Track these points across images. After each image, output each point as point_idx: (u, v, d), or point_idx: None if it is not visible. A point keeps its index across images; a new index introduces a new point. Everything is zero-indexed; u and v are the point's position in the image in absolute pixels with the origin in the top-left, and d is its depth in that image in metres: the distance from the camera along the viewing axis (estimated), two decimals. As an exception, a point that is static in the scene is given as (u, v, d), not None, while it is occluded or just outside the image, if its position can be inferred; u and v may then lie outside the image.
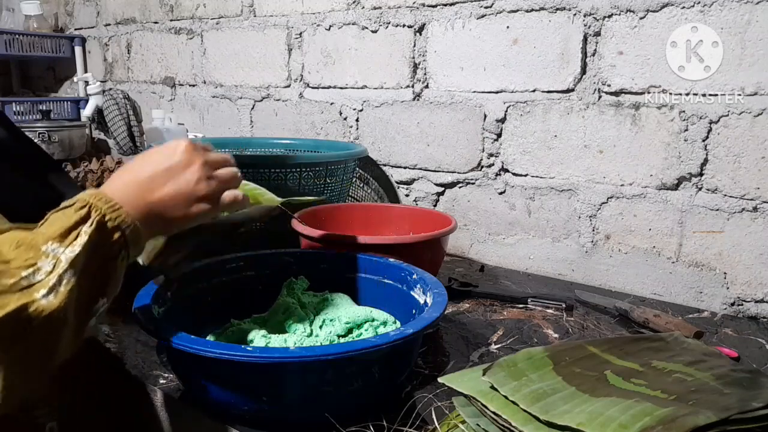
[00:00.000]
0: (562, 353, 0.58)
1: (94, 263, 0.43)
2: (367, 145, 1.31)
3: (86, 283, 0.42)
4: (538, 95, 1.08)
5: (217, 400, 0.58)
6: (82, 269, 0.41)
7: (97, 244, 0.43)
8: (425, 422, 0.58)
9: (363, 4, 1.29)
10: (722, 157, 0.92)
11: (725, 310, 0.95)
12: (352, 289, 0.79)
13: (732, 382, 0.53)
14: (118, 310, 0.86)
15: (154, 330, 0.57)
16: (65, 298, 0.40)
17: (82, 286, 0.42)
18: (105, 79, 1.99)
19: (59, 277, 0.40)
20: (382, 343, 0.54)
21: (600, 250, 1.07)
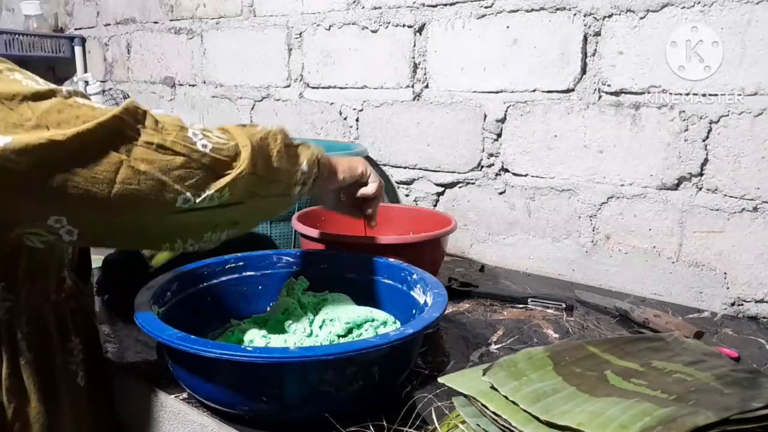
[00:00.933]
0: (562, 353, 0.58)
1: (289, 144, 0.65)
2: (367, 145, 1.31)
3: (290, 149, 0.64)
4: (538, 95, 1.08)
5: (217, 400, 0.58)
6: (285, 136, 0.64)
7: (287, 135, 0.65)
8: (425, 422, 0.58)
9: (363, 4, 1.29)
10: (722, 157, 0.92)
11: (725, 310, 0.95)
12: (352, 289, 0.79)
13: (732, 382, 0.53)
14: (118, 310, 0.86)
15: (154, 330, 0.57)
16: (278, 130, 0.64)
17: (287, 145, 0.64)
18: (105, 79, 1.99)
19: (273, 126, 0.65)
20: (382, 343, 0.54)
21: (600, 250, 1.07)
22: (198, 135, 0.55)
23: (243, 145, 0.57)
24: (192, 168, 0.53)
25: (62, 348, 0.61)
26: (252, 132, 0.60)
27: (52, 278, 0.61)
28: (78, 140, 0.47)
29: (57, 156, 0.46)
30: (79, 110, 0.49)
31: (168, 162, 0.52)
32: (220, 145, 0.56)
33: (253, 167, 0.57)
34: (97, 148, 0.48)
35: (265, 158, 0.60)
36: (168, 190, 0.52)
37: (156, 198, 0.51)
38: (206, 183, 0.54)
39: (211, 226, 0.58)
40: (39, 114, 0.47)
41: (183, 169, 0.52)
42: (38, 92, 0.48)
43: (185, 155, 0.53)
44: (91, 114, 0.49)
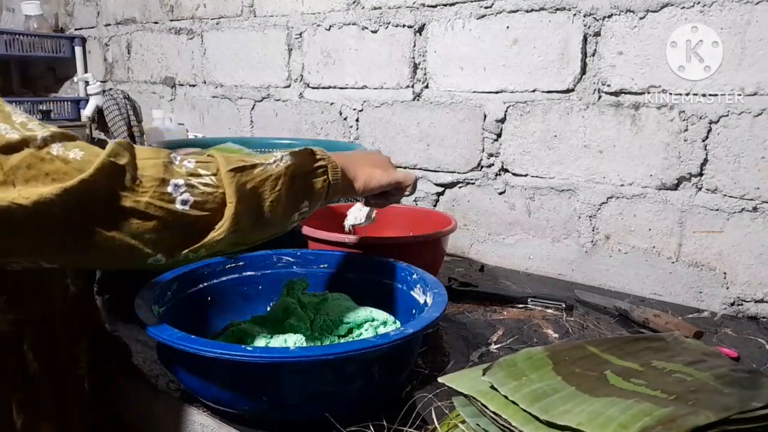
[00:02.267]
0: (561, 353, 0.58)
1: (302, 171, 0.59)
2: (367, 145, 1.31)
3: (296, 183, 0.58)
4: (538, 95, 1.08)
5: (217, 400, 0.59)
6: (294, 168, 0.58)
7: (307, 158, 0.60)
8: (425, 422, 0.58)
9: (363, 4, 1.29)
10: (722, 157, 0.92)
11: (725, 310, 0.95)
12: (352, 289, 0.79)
13: (732, 382, 0.53)
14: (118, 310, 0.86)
15: (154, 329, 0.57)
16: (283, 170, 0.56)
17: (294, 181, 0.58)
18: (105, 79, 1.99)
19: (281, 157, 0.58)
20: (382, 343, 0.54)
21: (600, 250, 1.07)
22: (181, 187, 0.50)
23: (229, 201, 0.52)
24: (165, 230, 0.49)
25: (70, 354, 0.61)
26: (245, 180, 0.53)
27: (56, 288, 0.61)
28: (43, 206, 0.44)
29: (21, 219, 0.44)
30: (50, 165, 0.45)
31: (138, 226, 0.48)
32: (204, 197, 0.51)
33: (235, 226, 0.52)
34: (61, 216, 0.45)
35: (254, 212, 0.54)
36: (138, 253, 0.49)
37: (126, 257, 0.49)
38: (180, 244, 0.51)
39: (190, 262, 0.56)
40: (7, 169, 0.44)
41: (155, 233, 0.49)
42: (8, 143, 0.44)
43: (160, 218, 0.49)
44: (63, 170, 0.45)
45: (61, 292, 0.61)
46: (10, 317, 0.55)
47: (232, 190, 0.52)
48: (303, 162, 0.59)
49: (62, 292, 0.61)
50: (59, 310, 0.60)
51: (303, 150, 0.60)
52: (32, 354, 0.57)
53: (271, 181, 0.55)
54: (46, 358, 0.58)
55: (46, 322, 0.59)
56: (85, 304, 0.65)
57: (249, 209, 0.54)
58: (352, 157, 0.69)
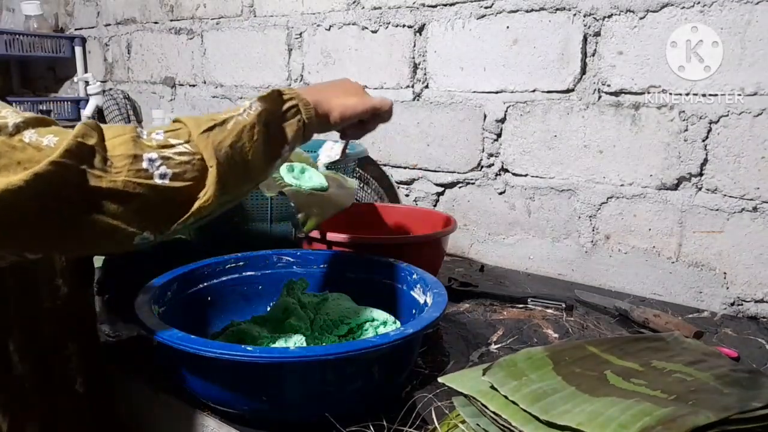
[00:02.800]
0: (561, 353, 0.58)
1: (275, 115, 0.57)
2: (367, 145, 1.31)
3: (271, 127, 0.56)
4: (538, 95, 1.08)
5: (217, 400, 0.59)
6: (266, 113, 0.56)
7: (276, 100, 0.57)
8: (425, 422, 0.58)
9: (363, 4, 1.29)
10: (722, 157, 0.92)
11: (725, 310, 0.95)
12: (352, 289, 0.79)
13: (732, 382, 0.53)
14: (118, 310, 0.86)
15: (154, 329, 0.57)
16: (255, 118, 0.54)
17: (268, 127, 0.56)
18: (105, 79, 1.99)
19: (250, 105, 0.55)
20: (382, 343, 0.54)
21: (600, 250, 1.07)
22: (156, 161, 0.48)
23: (209, 164, 0.50)
24: (150, 208, 0.48)
25: (59, 357, 0.60)
26: (220, 138, 0.51)
27: (44, 288, 0.59)
28: (11, 193, 0.42)
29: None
30: (22, 153, 0.44)
31: (119, 207, 0.46)
32: (182, 167, 0.49)
33: (221, 189, 0.50)
34: (34, 203, 0.43)
35: (238, 169, 0.52)
36: (122, 233, 0.47)
37: (110, 239, 0.47)
38: (167, 219, 0.49)
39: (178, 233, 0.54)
40: None
41: (139, 212, 0.47)
42: None
43: (140, 195, 0.47)
44: (36, 158, 0.43)
45: (51, 292, 0.60)
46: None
47: (210, 152, 0.50)
48: (273, 106, 0.57)
49: (52, 292, 0.60)
50: (47, 309, 0.59)
51: (271, 93, 0.57)
52: (18, 355, 0.56)
53: (247, 132, 0.53)
54: (33, 358, 0.57)
55: (33, 323, 0.57)
56: (79, 305, 0.64)
57: (231, 167, 0.52)
58: (323, 89, 0.66)
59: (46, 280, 0.60)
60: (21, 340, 0.56)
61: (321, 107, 0.62)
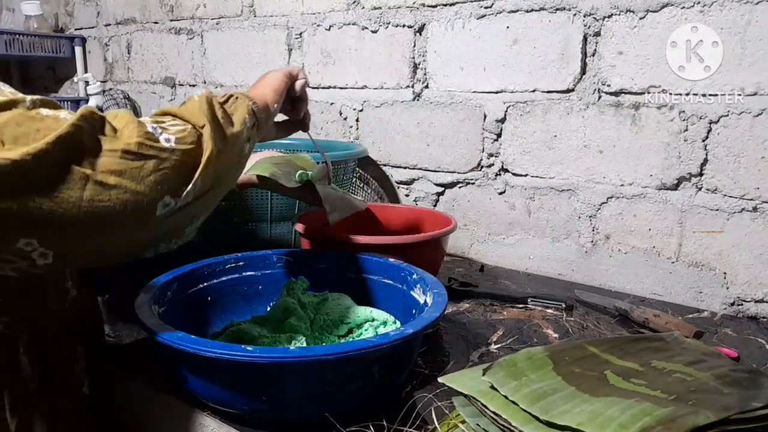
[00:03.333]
0: (561, 353, 0.58)
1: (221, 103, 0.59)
2: (367, 145, 1.31)
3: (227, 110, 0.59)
4: (538, 95, 1.09)
5: (217, 400, 0.59)
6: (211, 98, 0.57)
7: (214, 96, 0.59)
8: (425, 422, 0.58)
9: (363, 4, 1.29)
10: (722, 157, 0.92)
11: (725, 310, 0.95)
12: (352, 289, 0.79)
13: (732, 382, 0.53)
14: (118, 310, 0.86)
15: (154, 329, 0.57)
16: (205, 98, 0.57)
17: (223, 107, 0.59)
18: (105, 79, 1.99)
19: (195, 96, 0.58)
20: (382, 343, 0.54)
21: (600, 250, 1.07)
22: (157, 129, 0.51)
23: (200, 125, 0.53)
24: (166, 169, 0.49)
25: (67, 359, 0.61)
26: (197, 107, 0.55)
27: (51, 290, 0.59)
28: (34, 158, 0.42)
29: (11, 176, 0.41)
30: (41, 123, 0.44)
31: (139, 168, 0.47)
32: (180, 133, 0.52)
33: (216, 147, 0.53)
34: (57, 166, 0.43)
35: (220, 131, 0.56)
36: (145, 200, 0.48)
37: (133, 211, 0.47)
38: (183, 181, 0.51)
39: (188, 220, 0.55)
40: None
41: (157, 173, 0.48)
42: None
43: (155, 157, 0.48)
44: (55, 126, 0.44)
45: (59, 295, 0.60)
46: (5, 320, 0.54)
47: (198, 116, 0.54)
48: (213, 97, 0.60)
49: (60, 296, 0.60)
50: (54, 312, 0.59)
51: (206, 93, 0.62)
52: (27, 357, 0.56)
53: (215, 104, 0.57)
54: (41, 361, 0.57)
55: (40, 325, 0.58)
56: (86, 309, 0.65)
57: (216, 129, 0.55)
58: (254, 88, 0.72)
59: (54, 283, 0.60)
60: (30, 343, 0.56)
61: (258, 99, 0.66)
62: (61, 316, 0.60)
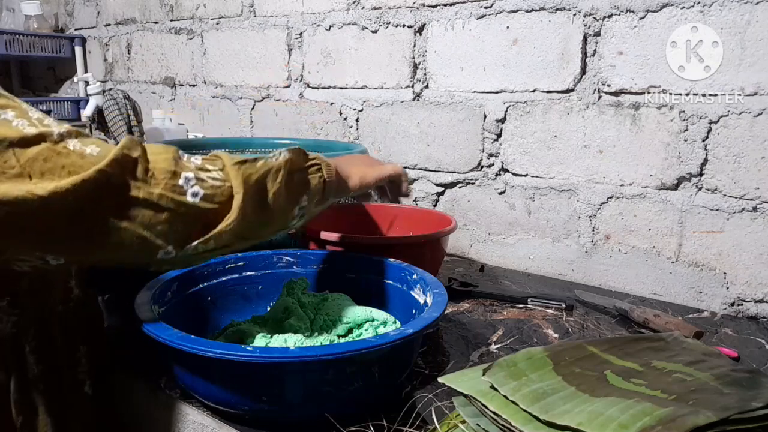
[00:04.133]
0: (562, 353, 0.58)
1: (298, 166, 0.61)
2: (367, 145, 1.31)
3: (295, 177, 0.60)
4: (538, 95, 1.09)
5: (217, 400, 0.59)
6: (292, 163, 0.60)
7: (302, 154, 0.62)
8: (425, 422, 0.58)
9: (363, 4, 1.29)
10: (722, 157, 0.92)
11: (725, 310, 0.95)
12: (352, 289, 0.79)
13: (732, 382, 0.53)
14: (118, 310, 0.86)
15: (154, 330, 0.57)
16: (282, 163, 0.59)
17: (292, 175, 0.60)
18: (105, 79, 1.99)
19: (279, 153, 0.60)
20: (382, 343, 0.54)
21: (600, 250, 1.07)
22: (191, 180, 0.52)
23: (236, 192, 0.54)
24: (177, 222, 0.51)
25: (70, 359, 0.61)
26: (250, 172, 0.56)
27: (58, 290, 0.60)
28: (58, 196, 0.45)
29: (35, 208, 0.44)
30: (66, 159, 0.46)
31: (151, 218, 0.49)
32: (213, 190, 0.53)
33: (242, 216, 0.54)
34: (76, 205, 0.46)
35: (258, 202, 0.56)
36: (148, 245, 0.50)
37: (138, 249, 0.50)
38: (191, 236, 0.52)
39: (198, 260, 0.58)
40: (23, 162, 0.45)
41: (167, 224, 0.50)
42: (25, 137, 0.45)
43: (171, 210, 0.50)
44: (80, 164, 0.46)
45: (63, 294, 0.61)
46: (14, 319, 0.55)
47: (239, 181, 0.54)
48: (298, 158, 0.62)
49: (64, 295, 0.61)
50: (58, 312, 0.60)
51: (297, 148, 0.63)
52: (34, 357, 0.57)
53: (273, 173, 0.58)
54: (46, 360, 0.58)
55: (46, 324, 0.58)
56: (88, 309, 0.65)
57: (254, 199, 0.55)
58: (343, 158, 0.73)
59: (60, 282, 0.60)
60: (36, 342, 0.57)
61: (341, 171, 0.68)
62: (65, 316, 0.61)
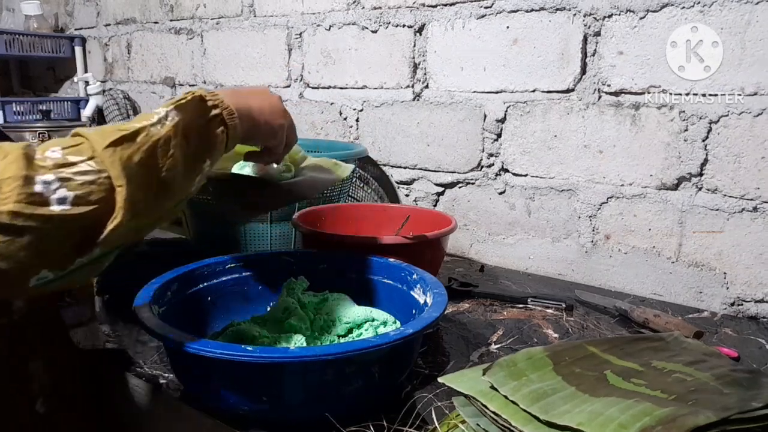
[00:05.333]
0: (562, 353, 0.58)
1: (196, 125, 0.50)
2: (367, 145, 1.31)
3: (192, 140, 0.50)
4: (538, 95, 1.08)
5: (217, 399, 0.58)
6: (185, 124, 0.49)
7: (197, 108, 0.51)
8: (425, 422, 0.58)
9: (363, 4, 1.29)
10: (722, 157, 0.92)
11: (725, 310, 0.95)
12: (352, 289, 0.79)
13: (732, 382, 0.53)
14: (118, 310, 0.86)
15: (154, 330, 0.57)
16: (170, 129, 0.47)
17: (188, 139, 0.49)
18: (105, 79, 1.99)
19: (166, 114, 0.48)
20: (382, 343, 0.54)
21: (600, 250, 1.07)
22: (52, 183, 0.40)
23: (117, 184, 0.43)
24: (45, 242, 0.40)
25: (18, 375, 0.56)
26: (130, 153, 0.44)
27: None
28: None
29: None
30: None
31: (8, 243, 0.38)
32: (85, 188, 0.41)
33: (132, 211, 0.43)
34: None
35: (150, 189, 0.45)
36: (13, 275, 0.40)
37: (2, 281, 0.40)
38: (71, 252, 0.42)
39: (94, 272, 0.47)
40: None
41: (32, 247, 0.39)
42: None
43: (33, 228, 0.39)
44: None
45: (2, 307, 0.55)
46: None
47: (118, 170, 0.43)
48: (194, 115, 0.51)
49: (3, 308, 0.55)
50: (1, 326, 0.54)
51: (191, 99, 0.51)
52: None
53: (162, 146, 0.46)
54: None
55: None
56: (42, 317, 0.59)
57: (142, 186, 0.44)
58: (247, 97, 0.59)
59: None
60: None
61: (247, 119, 0.56)
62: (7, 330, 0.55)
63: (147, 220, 0.47)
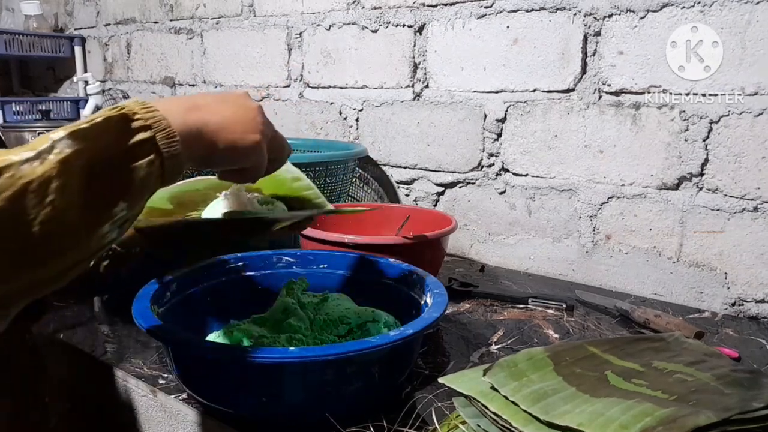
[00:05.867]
0: (562, 353, 0.58)
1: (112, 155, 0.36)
2: (367, 145, 1.31)
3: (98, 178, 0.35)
4: (539, 95, 1.08)
5: (217, 400, 0.58)
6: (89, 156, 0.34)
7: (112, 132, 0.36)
8: (425, 423, 0.58)
9: (363, 4, 1.29)
10: (723, 157, 0.92)
11: (726, 310, 0.95)
12: (352, 289, 0.79)
13: (732, 382, 0.53)
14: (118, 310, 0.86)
15: (154, 330, 0.56)
16: (52, 167, 0.33)
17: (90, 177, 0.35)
18: (105, 79, 1.99)
19: (51, 144, 0.34)
20: (382, 343, 0.54)
21: (600, 250, 1.06)
22: None
23: None
24: None
25: None
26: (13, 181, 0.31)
27: None
28: None
29: None
30: None
31: None
32: None
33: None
34: None
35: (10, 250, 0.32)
36: None
37: None
38: None
39: None
40: None
41: None
42: None
43: None
44: None
45: None
46: None
47: None
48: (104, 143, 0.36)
49: None
50: None
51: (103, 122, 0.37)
52: None
53: (34, 191, 0.32)
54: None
55: None
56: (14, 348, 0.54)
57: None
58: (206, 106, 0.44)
59: None
60: None
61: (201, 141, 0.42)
62: None
63: (11, 294, 0.33)
